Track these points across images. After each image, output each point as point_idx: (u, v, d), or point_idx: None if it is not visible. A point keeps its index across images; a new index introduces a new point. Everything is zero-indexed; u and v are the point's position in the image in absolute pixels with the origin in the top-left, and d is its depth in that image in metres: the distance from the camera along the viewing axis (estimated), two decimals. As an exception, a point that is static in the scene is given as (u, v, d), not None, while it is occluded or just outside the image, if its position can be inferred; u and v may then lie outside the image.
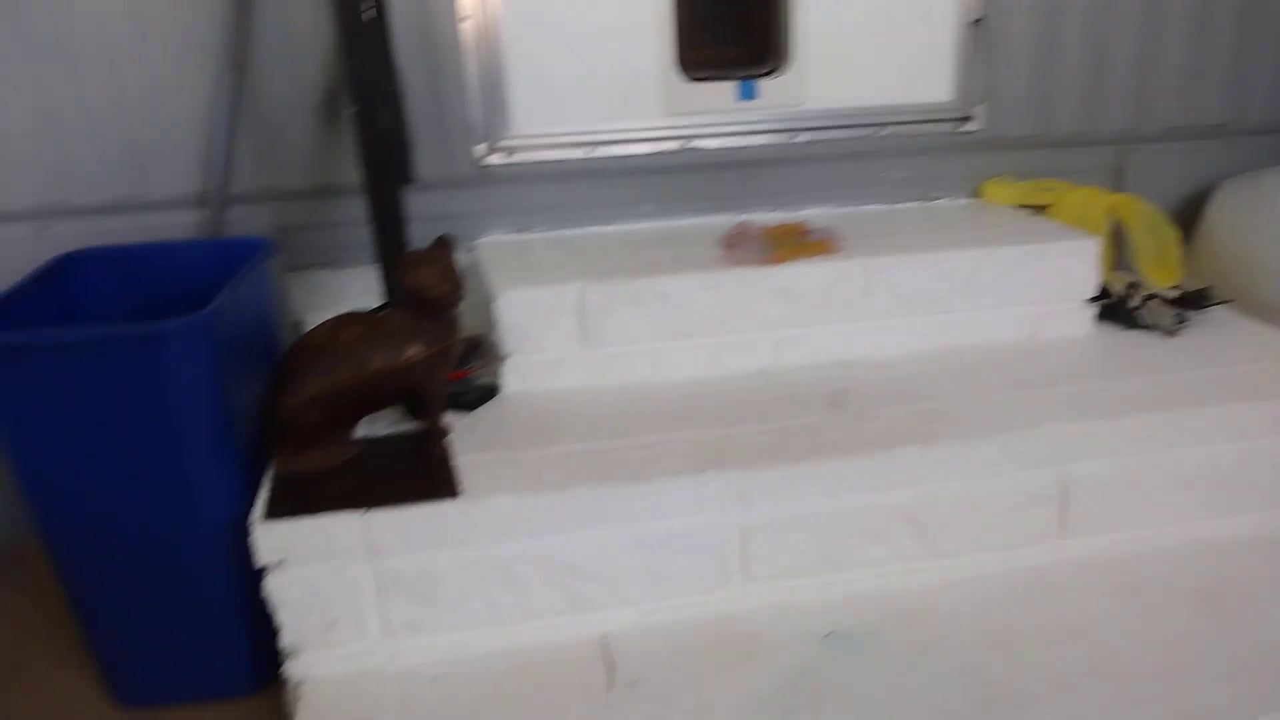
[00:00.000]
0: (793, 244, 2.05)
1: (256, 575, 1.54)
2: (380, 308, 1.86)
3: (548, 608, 1.63)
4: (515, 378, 1.96)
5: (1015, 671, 1.51)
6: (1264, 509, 1.83)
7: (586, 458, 1.68)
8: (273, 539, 1.52)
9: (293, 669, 1.59)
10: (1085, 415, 1.71)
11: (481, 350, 2.09)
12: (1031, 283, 2.06)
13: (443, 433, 1.70)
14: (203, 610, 1.62)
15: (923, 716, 1.43)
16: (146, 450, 1.49)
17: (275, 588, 1.54)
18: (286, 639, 1.58)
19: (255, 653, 1.66)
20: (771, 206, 2.39)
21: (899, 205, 2.45)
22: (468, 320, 2.18)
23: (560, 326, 1.94)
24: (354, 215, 1.94)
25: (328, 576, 1.55)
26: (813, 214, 2.36)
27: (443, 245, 1.64)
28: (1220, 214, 2.41)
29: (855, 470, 1.67)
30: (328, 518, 1.52)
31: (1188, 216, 2.54)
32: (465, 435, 1.77)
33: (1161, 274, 2.27)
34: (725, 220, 2.32)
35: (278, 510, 1.54)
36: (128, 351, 1.45)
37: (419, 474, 1.63)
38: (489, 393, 1.93)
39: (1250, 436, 1.78)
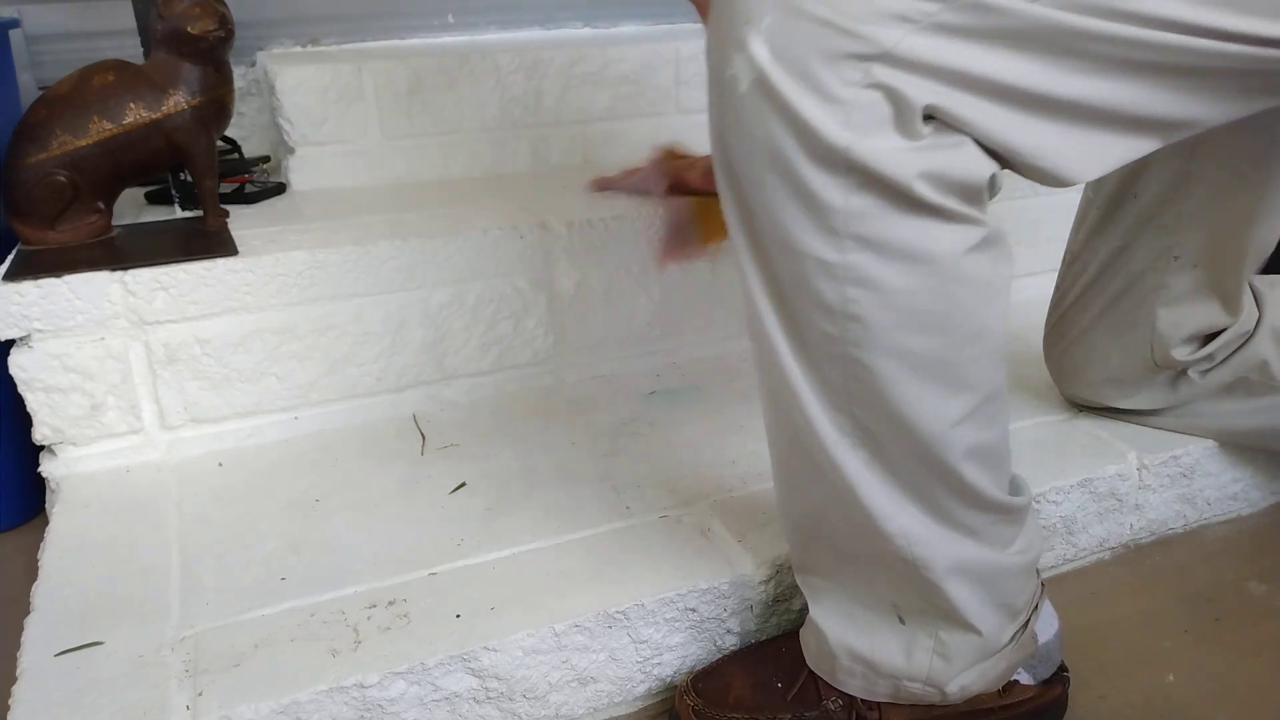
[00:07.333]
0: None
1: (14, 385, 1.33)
2: None
3: (351, 387, 1.48)
4: (303, 175, 1.78)
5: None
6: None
7: (388, 224, 1.53)
8: (13, 306, 1.30)
9: (50, 468, 1.38)
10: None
11: (268, 166, 1.90)
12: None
13: (215, 201, 1.51)
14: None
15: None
16: None
17: (21, 367, 1.32)
18: (40, 432, 1.36)
19: (23, 475, 1.46)
20: (581, 22, 2.29)
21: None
22: (256, 143, 2.00)
23: (357, 112, 1.77)
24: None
25: (86, 352, 1.35)
26: (627, 32, 2.27)
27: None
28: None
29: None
30: (80, 278, 1.32)
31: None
32: (246, 218, 1.59)
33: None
34: (532, 36, 2.21)
35: (20, 273, 1.32)
36: None
37: (190, 241, 1.44)
38: (274, 189, 1.75)
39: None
